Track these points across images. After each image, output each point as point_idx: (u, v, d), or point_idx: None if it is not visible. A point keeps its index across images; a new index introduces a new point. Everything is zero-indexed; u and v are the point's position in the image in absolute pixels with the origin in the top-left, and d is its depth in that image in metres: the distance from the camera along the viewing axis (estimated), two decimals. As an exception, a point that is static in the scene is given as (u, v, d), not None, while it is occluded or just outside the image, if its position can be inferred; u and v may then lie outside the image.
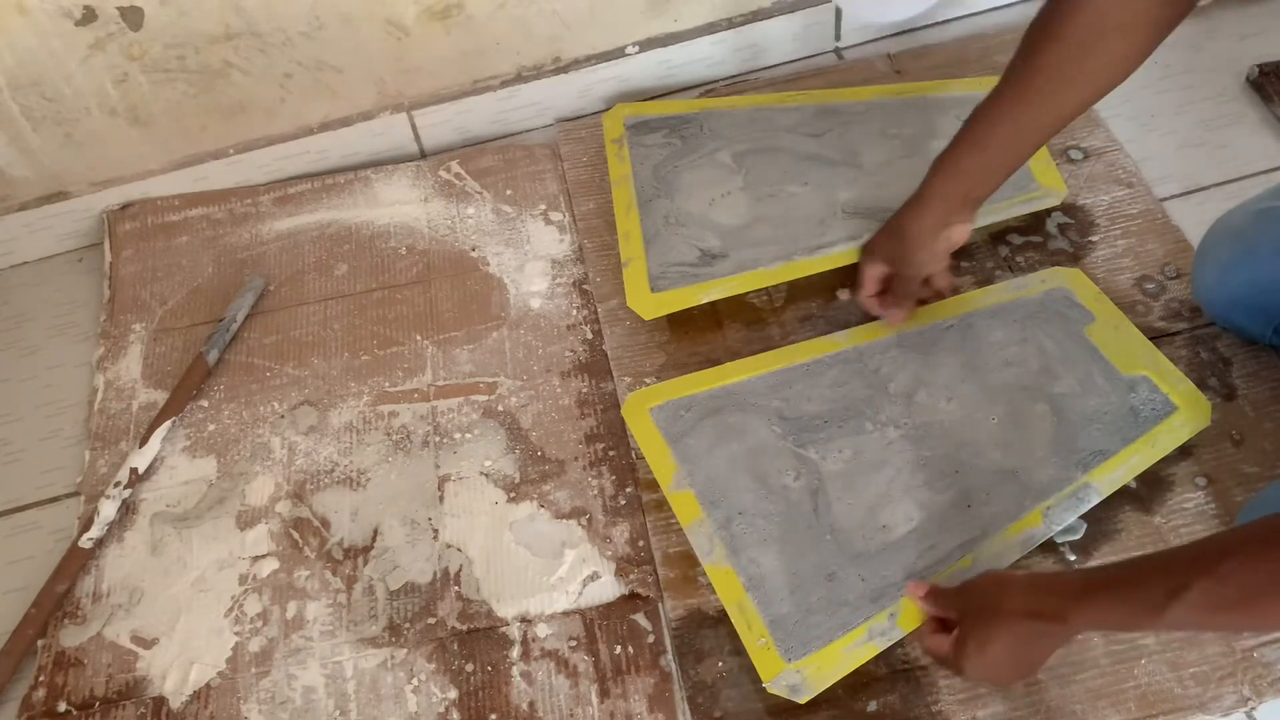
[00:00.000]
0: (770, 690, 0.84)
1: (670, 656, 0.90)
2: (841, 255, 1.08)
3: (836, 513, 0.93)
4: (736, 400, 1.01)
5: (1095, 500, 0.91)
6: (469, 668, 0.91)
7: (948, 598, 0.82)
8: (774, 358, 1.03)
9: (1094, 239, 1.10)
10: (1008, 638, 0.75)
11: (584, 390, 1.07)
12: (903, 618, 0.86)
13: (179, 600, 0.97)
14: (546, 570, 0.96)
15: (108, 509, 1.02)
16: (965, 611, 0.79)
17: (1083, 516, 0.91)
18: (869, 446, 0.96)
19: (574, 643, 0.91)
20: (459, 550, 0.98)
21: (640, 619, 0.92)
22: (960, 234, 0.98)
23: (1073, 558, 0.90)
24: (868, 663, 0.86)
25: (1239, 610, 0.63)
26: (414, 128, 1.31)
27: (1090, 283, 1.03)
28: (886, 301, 1.02)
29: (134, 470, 1.04)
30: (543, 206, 1.23)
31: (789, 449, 0.97)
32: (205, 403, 1.11)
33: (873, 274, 1.01)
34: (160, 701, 0.92)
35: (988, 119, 0.90)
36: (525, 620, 0.93)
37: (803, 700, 0.84)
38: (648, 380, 1.05)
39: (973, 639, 0.76)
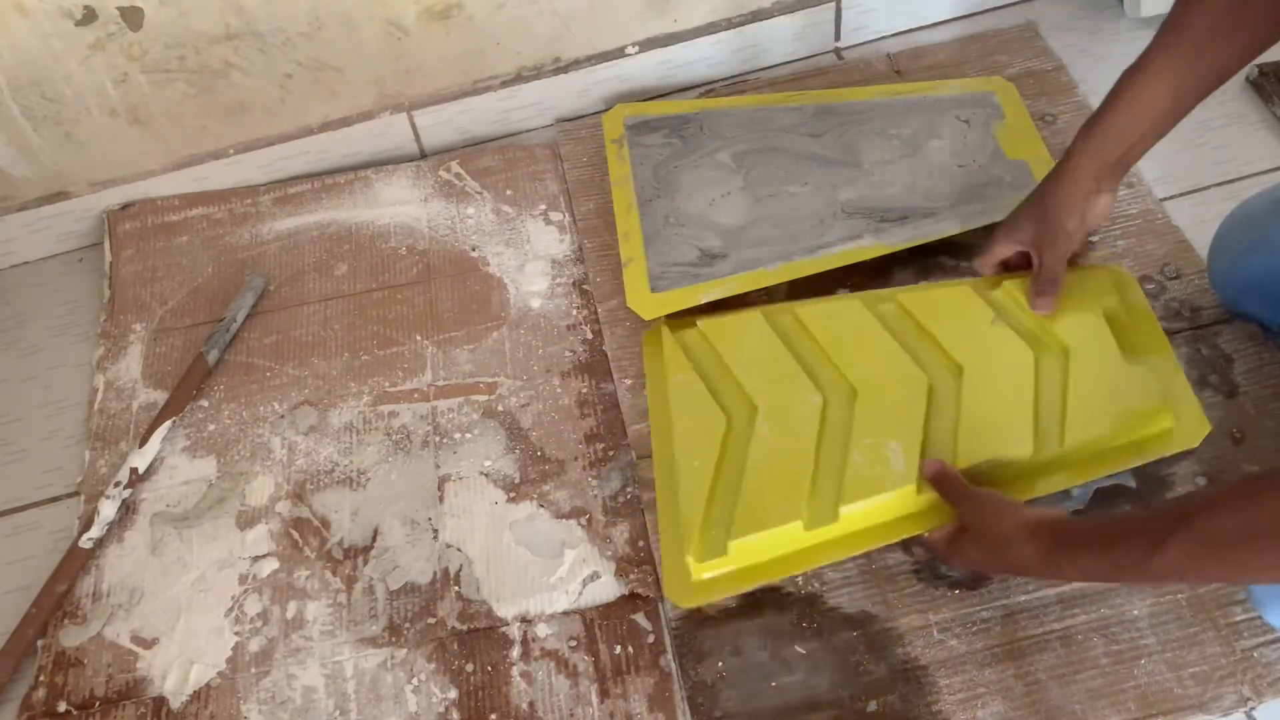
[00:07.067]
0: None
1: (670, 656, 0.90)
2: (841, 255, 1.08)
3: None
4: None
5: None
6: (469, 668, 0.91)
7: (955, 497, 0.87)
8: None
9: (1093, 239, 1.09)
10: (997, 565, 0.85)
11: (584, 390, 1.07)
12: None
13: (179, 600, 0.97)
14: (546, 570, 0.96)
15: (108, 509, 1.02)
16: (967, 525, 0.84)
17: (1081, 515, 0.91)
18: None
19: (574, 643, 0.91)
20: (459, 550, 0.98)
21: (640, 619, 0.92)
22: (1107, 204, 0.94)
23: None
24: (868, 662, 0.86)
25: (1214, 561, 0.67)
26: (414, 128, 1.31)
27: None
28: (1034, 291, 0.98)
29: (134, 470, 1.04)
30: (543, 206, 1.23)
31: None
32: (205, 403, 1.11)
33: (1002, 251, 1.00)
34: (160, 701, 0.92)
35: (1140, 78, 0.87)
36: (525, 620, 0.93)
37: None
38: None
39: (967, 552, 0.84)
